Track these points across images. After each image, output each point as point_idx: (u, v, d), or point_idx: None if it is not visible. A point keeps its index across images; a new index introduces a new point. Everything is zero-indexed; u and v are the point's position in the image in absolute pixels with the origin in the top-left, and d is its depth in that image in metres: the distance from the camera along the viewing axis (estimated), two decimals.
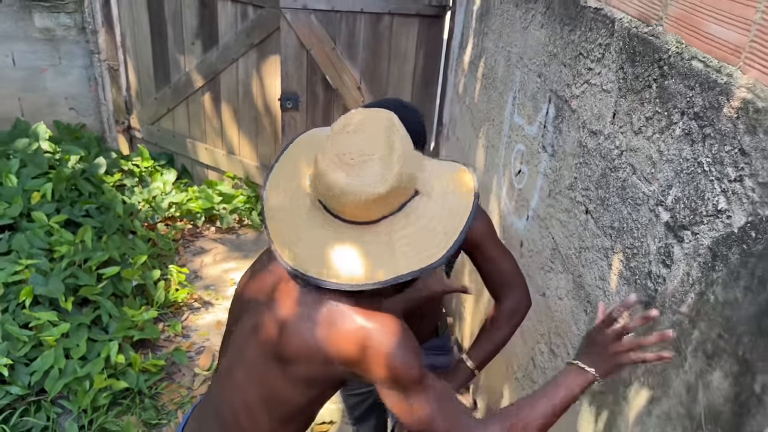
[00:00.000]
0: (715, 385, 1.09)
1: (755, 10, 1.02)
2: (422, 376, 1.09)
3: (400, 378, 1.07)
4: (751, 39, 1.03)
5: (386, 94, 3.42)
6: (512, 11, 2.27)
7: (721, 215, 1.10)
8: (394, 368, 1.05)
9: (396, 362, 1.05)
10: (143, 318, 2.85)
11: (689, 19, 1.20)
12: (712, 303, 1.11)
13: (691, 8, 1.19)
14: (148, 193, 3.88)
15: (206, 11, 3.63)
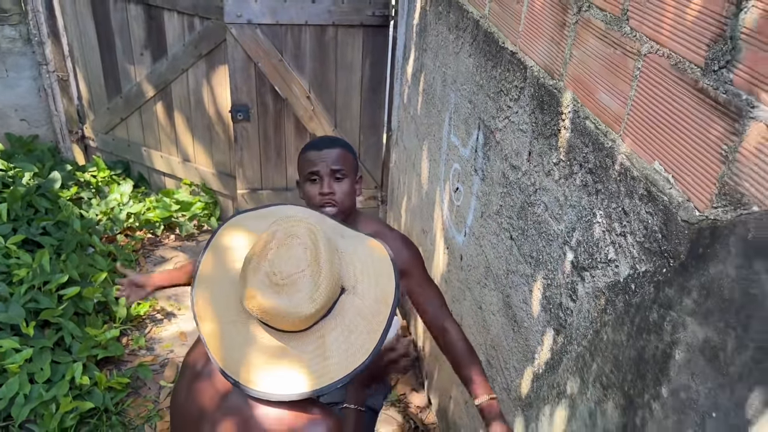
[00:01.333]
0: (609, 414, 1.24)
1: (630, 87, 1.15)
2: None
3: None
4: (628, 112, 1.16)
5: (335, 102, 3.49)
6: (445, 34, 2.37)
7: (611, 264, 1.23)
8: None
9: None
10: (106, 337, 2.92)
11: (584, 82, 1.32)
12: (605, 342, 1.26)
13: (585, 72, 1.31)
14: (105, 205, 3.91)
15: (153, 23, 3.63)
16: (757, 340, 0.84)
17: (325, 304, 1.05)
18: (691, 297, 0.98)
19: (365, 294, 1.11)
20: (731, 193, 0.90)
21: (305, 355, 1.06)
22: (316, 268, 1.03)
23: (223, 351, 1.08)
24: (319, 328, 1.07)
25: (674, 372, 1.02)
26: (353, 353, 1.06)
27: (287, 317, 1.02)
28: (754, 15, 0.85)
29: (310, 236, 1.05)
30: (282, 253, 1.03)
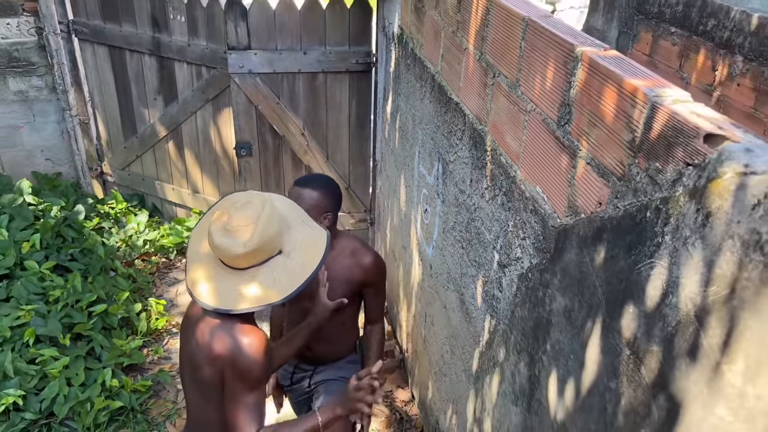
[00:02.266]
0: (521, 371, 1.69)
1: (522, 133, 1.62)
2: (256, 383, 1.56)
3: (240, 376, 1.53)
4: (522, 150, 1.63)
5: (326, 137, 3.99)
6: (413, 82, 2.86)
7: (519, 260, 1.69)
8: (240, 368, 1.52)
9: (242, 363, 1.52)
10: (130, 346, 3.37)
11: (498, 127, 1.80)
12: (517, 318, 1.71)
13: (499, 120, 1.79)
14: (124, 234, 4.38)
15: (165, 72, 4.14)
16: (588, 301, 1.30)
17: (254, 250, 1.53)
18: (557, 277, 1.44)
19: (295, 259, 1.60)
20: (572, 206, 1.36)
21: (238, 287, 1.56)
22: (255, 226, 1.53)
23: (193, 278, 1.62)
24: (254, 271, 1.57)
25: (552, 331, 1.48)
26: (269, 296, 1.55)
27: (226, 253, 1.53)
28: (576, 90, 1.32)
29: (262, 205, 1.57)
30: (238, 213, 1.55)
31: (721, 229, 0.89)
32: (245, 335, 1.55)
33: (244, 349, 1.53)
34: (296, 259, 1.60)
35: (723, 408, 0.90)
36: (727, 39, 2.75)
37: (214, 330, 1.57)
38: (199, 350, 1.58)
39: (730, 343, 0.88)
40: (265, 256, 1.57)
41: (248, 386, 1.56)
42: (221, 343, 1.55)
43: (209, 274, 1.59)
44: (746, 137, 0.93)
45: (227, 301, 1.54)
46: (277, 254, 1.59)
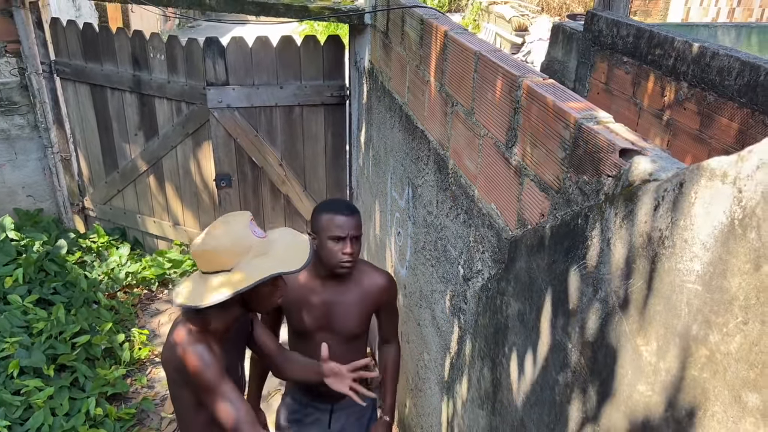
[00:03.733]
0: (486, 376, 1.82)
1: (479, 156, 1.78)
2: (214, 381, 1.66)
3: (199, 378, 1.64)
4: (479, 172, 1.79)
5: (304, 167, 4.13)
6: (384, 113, 3.03)
7: (480, 273, 1.84)
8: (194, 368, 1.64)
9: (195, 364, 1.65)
10: (114, 376, 3.43)
11: (458, 152, 1.96)
12: (480, 326, 1.84)
13: (458, 145, 1.95)
14: (106, 267, 4.45)
15: (146, 108, 4.28)
16: (537, 304, 1.44)
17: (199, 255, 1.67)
18: (511, 285, 1.58)
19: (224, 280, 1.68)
20: (521, 219, 1.51)
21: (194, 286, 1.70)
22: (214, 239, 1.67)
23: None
24: (205, 277, 1.68)
25: (509, 335, 1.61)
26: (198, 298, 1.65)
27: (191, 247, 1.71)
28: (520, 115, 1.49)
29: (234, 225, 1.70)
30: (217, 226, 1.72)
31: (633, 229, 1.04)
32: (186, 343, 1.67)
33: (187, 356, 1.66)
34: (232, 280, 1.66)
35: (643, 384, 1.04)
36: (673, 67, 2.97)
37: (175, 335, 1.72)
38: (163, 352, 1.76)
39: (645, 326, 1.02)
40: (215, 268, 1.68)
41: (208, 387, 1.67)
42: (170, 348, 1.72)
43: (191, 278, 1.76)
44: (653, 151, 1.09)
45: (178, 295, 1.70)
46: (226, 271, 1.68)
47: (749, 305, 0.80)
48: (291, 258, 1.73)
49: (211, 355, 1.68)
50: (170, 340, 1.73)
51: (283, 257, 1.72)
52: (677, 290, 0.94)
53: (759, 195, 0.77)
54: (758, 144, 0.78)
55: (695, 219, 0.89)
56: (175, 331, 1.73)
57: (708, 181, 0.86)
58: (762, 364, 0.78)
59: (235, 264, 1.67)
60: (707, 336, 0.88)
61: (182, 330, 1.71)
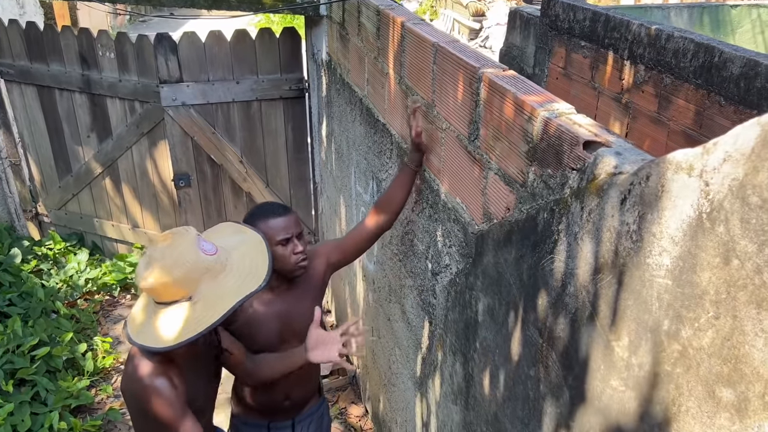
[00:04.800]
0: (458, 371, 1.80)
1: (441, 149, 1.75)
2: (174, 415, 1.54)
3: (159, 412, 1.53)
4: (442, 165, 1.76)
5: (265, 163, 4.05)
6: (344, 106, 2.97)
7: (448, 267, 1.81)
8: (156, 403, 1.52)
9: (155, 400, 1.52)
10: (77, 387, 3.32)
11: None
12: (450, 321, 1.82)
13: None
14: (64, 274, 4.30)
15: (97, 109, 4.13)
16: (506, 299, 1.42)
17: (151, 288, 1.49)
18: (479, 279, 1.56)
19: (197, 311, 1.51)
20: (487, 213, 1.49)
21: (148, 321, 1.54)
22: (162, 266, 1.47)
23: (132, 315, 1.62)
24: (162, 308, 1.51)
25: (479, 330, 1.59)
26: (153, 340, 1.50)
27: (137, 280, 1.53)
28: (482, 108, 1.46)
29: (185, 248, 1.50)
30: (160, 247, 1.51)
31: (600, 223, 1.02)
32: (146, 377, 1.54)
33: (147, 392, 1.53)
34: (197, 312, 1.51)
35: (616, 379, 1.02)
36: (630, 50, 2.98)
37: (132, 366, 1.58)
38: (122, 382, 1.63)
39: (616, 321, 1.01)
40: (171, 298, 1.51)
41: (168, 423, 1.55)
42: (128, 381, 1.58)
43: (142, 305, 1.60)
44: (617, 142, 1.07)
45: (134, 330, 1.54)
46: (186, 300, 1.51)
47: (720, 300, 0.79)
48: (253, 268, 1.58)
49: (172, 391, 1.55)
50: (128, 372, 1.59)
51: (245, 269, 1.57)
52: (647, 285, 0.92)
53: (726, 188, 0.76)
54: (723, 136, 0.76)
55: (663, 213, 0.87)
56: (132, 361, 1.59)
57: (674, 174, 0.85)
58: (735, 358, 0.77)
59: (194, 291, 1.51)
60: (679, 331, 0.86)
61: (141, 362, 1.56)
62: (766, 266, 0.71)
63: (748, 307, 0.74)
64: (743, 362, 0.76)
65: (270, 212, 1.89)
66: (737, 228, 0.74)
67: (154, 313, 1.53)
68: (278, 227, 1.86)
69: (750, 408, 0.75)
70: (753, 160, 0.71)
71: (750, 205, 0.72)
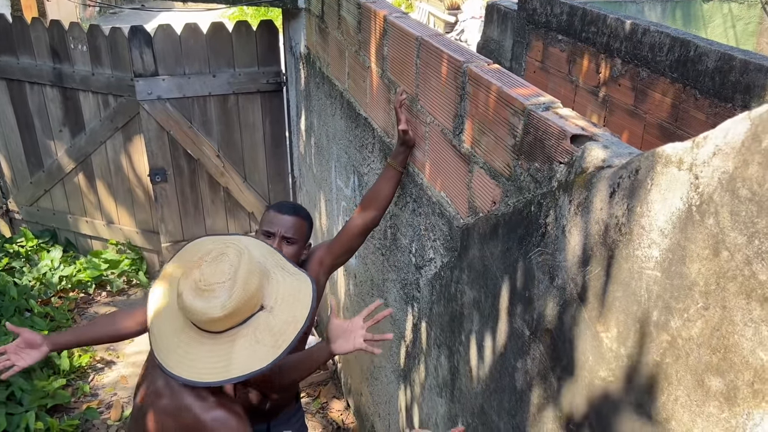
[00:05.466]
0: (443, 364, 1.81)
1: (425, 143, 1.75)
2: None
3: None
4: (426, 159, 1.76)
5: (242, 158, 4.01)
6: (324, 100, 2.96)
7: (432, 261, 1.82)
8: None
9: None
10: (53, 387, 3.26)
11: None
12: (435, 314, 1.83)
13: None
14: (37, 272, 4.22)
15: (69, 102, 4.04)
16: (492, 292, 1.43)
17: (233, 312, 1.28)
18: (465, 273, 1.57)
19: (279, 315, 1.35)
20: (472, 207, 1.50)
21: (214, 353, 1.31)
22: (233, 283, 1.28)
23: (159, 342, 1.37)
24: (233, 333, 1.32)
25: (465, 323, 1.60)
26: (254, 361, 1.30)
27: (202, 317, 1.28)
28: (467, 102, 1.46)
29: (237, 257, 1.32)
30: (211, 266, 1.30)
31: (589, 216, 1.03)
32: (222, 421, 1.32)
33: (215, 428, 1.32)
34: (280, 315, 1.36)
35: (604, 370, 1.04)
36: (607, 44, 3.02)
37: (185, 409, 1.34)
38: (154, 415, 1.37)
39: (604, 313, 1.02)
40: (246, 314, 1.32)
41: None
42: (183, 416, 1.34)
43: (180, 339, 1.34)
44: (604, 136, 1.08)
45: (206, 371, 1.30)
46: (259, 310, 1.35)
47: (709, 291, 0.80)
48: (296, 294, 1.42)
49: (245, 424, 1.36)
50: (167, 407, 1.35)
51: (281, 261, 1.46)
52: (636, 276, 0.94)
53: (716, 181, 0.77)
54: (713, 130, 0.78)
55: (652, 205, 0.89)
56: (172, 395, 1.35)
57: (664, 168, 0.86)
58: (724, 348, 0.79)
59: (263, 298, 1.35)
60: (668, 321, 0.88)
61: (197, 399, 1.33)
62: (756, 257, 0.72)
63: (737, 298, 0.76)
64: (732, 351, 0.78)
65: (277, 206, 1.89)
66: (727, 220, 0.76)
67: (218, 344, 1.32)
68: (268, 218, 1.84)
69: (739, 396, 0.77)
70: (743, 154, 0.73)
71: (740, 198, 0.74)
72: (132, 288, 4.44)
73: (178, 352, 1.33)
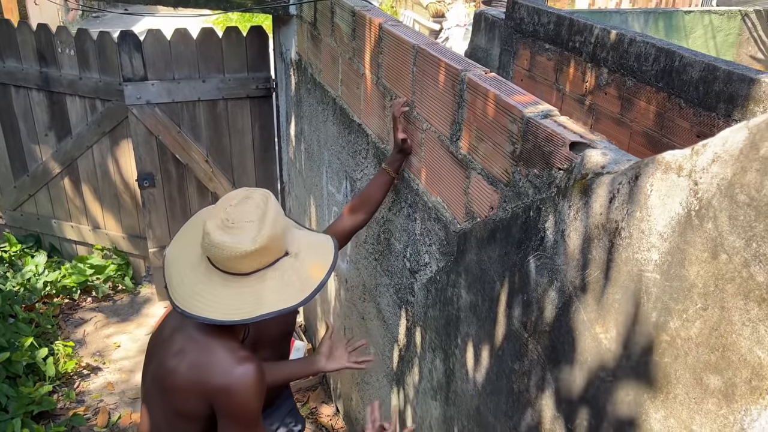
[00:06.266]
0: (438, 367, 1.83)
1: (421, 149, 1.78)
2: (255, 420, 1.34)
3: (237, 415, 1.31)
4: (423, 165, 1.79)
5: (231, 163, 4.01)
6: (315, 106, 2.98)
7: (427, 266, 1.84)
8: (237, 405, 1.29)
9: (239, 399, 1.29)
10: (39, 393, 3.22)
11: None
12: (430, 318, 1.86)
13: None
14: (21, 277, 4.17)
15: (56, 107, 4.01)
16: (489, 295, 1.46)
17: (263, 247, 1.28)
18: (461, 277, 1.59)
19: (305, 260, 1.36)
20: (469, 212, 1.53)
21: (242, 295, 1.30)
22: (261, 221, 1.29)
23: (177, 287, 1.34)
24: (261, 275, 1.31)
25: (461, 326, 1.63)
26: (282, 301, 1.30)
27: (232, 252, 1.27)
28: (465, 110, 1.49)
29: (263, 199, 1.34)
30: (238, 207, 1.32)
31: (588, 221, 1.07)
32: (240, 364, 1.31)
33: (240, 382, 1.30)
34: (305, 261, 1.36)
35: (603, 370, 1.07)
36: (593, 53, 3.08)
37: (202, 353, 1.33)
38: (177, 373, 1.34)
39: (603, 315, 1.06)
40: (273, 257, 1.32)
41: (245, 424, 1.34)
42: (211, 372, 1.32)
43: (203, 282, 1.33)
44: (602, 144, 1.12)
45: (232, 310, 1.29)
46: (284, 256, 1.35)
47: (708, 292, 0.84)
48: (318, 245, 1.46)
49: (263, 384, 1.34)
50: (196, 362, 1.33)
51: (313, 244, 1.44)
52: (635, 279, 0.97)
53: (715, 187, 0.81)
54: (713, 138, 0.81)
55: (652, 210, 0.92)
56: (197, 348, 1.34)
57: (663, 174, 0.90)
58: (722, 347, 0.82)
59: (288, 244, 1.35)
60: (667, 322, 0.91)
61: (216, 345, 1.33)
62: (754, 260, 0.76)
63: (735, 299, 0.79)
64: (730, 350, 0.81)
65: None
66: (725, 224, 0.79)
67: (244, 285, 1.31)
68: None
69: (737, 393, 0.81)
70: (741, 161, 0.76)
71: (738, 203, 0.77)
72: (118, 294, 4.41)
73: (205, 296, 1.31)
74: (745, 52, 4.63)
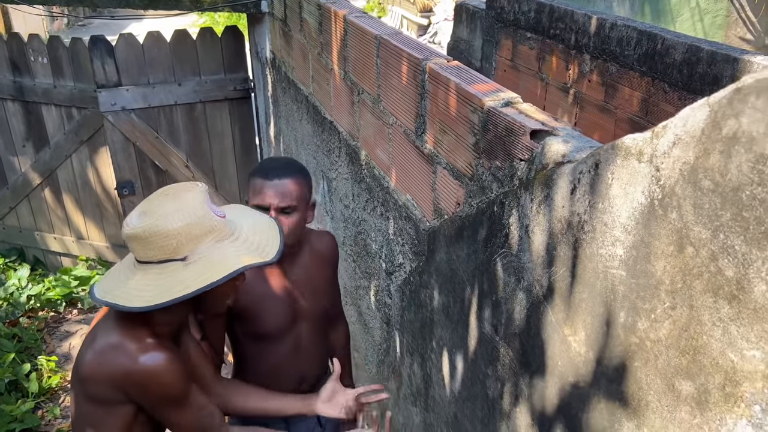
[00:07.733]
0: (416, 372, 1.75)
1: (389, 145, 1.70)
2: (181, 398, 1.33)
3: (159, 398, 1.31)
4: (391, 162, 1.71)
5: (212, 167, 3.93)
6: (290, 105, 2.89)
7: (402, 266, 1.76)
8: (152, 390, 1.29)
9: (152, 384, 1.28)
10: (21, 411, 3.14)
11: (369, 142, 1.87)
12: (406, 320, 1.77)
13: (368, 135, 1.86)
14: (4, 292, 4.08)
15: (32, 116, 3.93)
16: (460, 296, 1.38)
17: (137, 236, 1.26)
18: (433, 277, 1.51)
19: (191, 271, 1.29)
20: (437, 209, 1.44)
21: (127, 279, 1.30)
22: (155, 213, 1.27)
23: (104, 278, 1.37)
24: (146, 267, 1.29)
25: (435, 329, 1.55)
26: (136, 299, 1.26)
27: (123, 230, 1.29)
28: (427, 101, 1.41)
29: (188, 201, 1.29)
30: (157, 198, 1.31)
31: (551, 215, 0.98)
32: (145, 352, 1.28)
33: (144, 369, 1.28)
34: (191, 272, 1.29)
35: (574, 376, 0.99)
36: (575, 40, 2.99)
37: (109, 341, 1.31)
38: (85, 361, 1.32)
39: (571, 316, 0.97)
40: (161, 255, 1.29)
41: (173, 404, 1.34)
42: (115, 359, 1.29)
43: (123, 270, 1.34)
44: (564, 130, 1.04)
45: (109, 291, 1.29)
46: (179, 260, 1.30)
47: (676, 289, 0.76)
48: (263, 242, 1.35)
49: (179, 362, 1.31)
50: (102, 349, 1.30)
51: (254, 243, 1.34)
52: (601, 276, 0.89)
53: (677, 173, 0.72)
54: (672, 118, 0.73)
55: (614, 201, 0.84)
56: (106, 336, 1.31)
57: (624, 161, 0.81)
58: (693, 350, 0.74)
59: (190, 251, 1.29)
60: (635, 323, 0.83)
61: (124, 335, 1.30)
62: (722, 252, 0.68)
63: (704, 296, 0.71)
64: (702, 353, 0.73)
65: (261, 169, 1.55)
66: (690, 214, 0.71)
67: (133, 272, 1.31)
68: (256, 189, 1.52)
69: (710, 400, 0.72)
70: (703, 143, 0.68)
71: (702, 190, 0.69)
72: None
73: (119, 284, 1.32)
74: (734, 33, 4.54)
